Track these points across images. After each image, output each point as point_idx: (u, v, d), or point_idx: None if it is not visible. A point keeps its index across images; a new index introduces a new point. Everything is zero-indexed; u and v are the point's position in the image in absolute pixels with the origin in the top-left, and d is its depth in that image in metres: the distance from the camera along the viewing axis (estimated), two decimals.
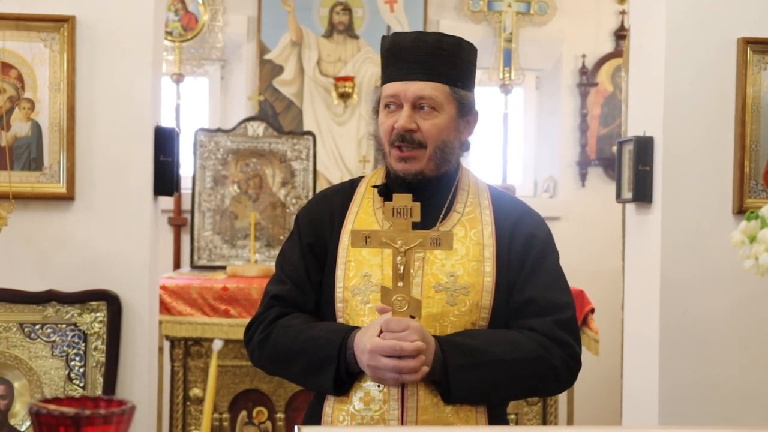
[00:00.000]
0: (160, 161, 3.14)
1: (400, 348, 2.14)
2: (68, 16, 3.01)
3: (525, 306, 2.36)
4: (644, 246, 3.25)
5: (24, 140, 3.02)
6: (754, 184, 3.09)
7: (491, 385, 2.29)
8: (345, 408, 2.31)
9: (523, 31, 6.01)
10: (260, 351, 2.41)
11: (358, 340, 2.24)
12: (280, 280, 2.47)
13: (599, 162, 6.17)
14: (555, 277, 2.44)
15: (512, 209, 2.49)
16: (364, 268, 2.36)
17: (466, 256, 2.36)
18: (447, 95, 2.39)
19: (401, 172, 2.39)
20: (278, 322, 2.39)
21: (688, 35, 3.11)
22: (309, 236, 2.47)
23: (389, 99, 2.39)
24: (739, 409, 3.10)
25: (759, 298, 3.07)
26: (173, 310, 4.24)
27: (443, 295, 2.31)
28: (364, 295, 2.34)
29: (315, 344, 2.30)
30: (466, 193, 2.48)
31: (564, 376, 2.36)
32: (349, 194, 2.52)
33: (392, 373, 2.16)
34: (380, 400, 2.28)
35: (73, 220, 3.06)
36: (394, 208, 2.16)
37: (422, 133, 2.36)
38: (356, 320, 2.34)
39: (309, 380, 2.37)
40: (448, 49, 2.40)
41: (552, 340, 2.32)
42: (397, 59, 2.40)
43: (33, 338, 2.99)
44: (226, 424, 4.28)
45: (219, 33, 5.84)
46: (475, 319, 2.33)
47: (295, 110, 5.92)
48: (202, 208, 4.95)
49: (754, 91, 3.08)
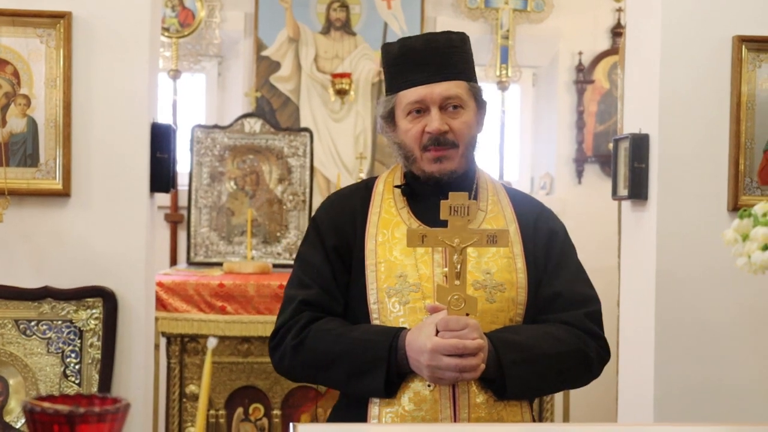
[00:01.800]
0: (157, 158, 3.13)
1: (463, 346, 2.14)
2: (64, 12, 3.01)
3: (553, 300, 2.39)
4: (640, 243, 3.26)
5: (20, 136, 3.02)
6: (749, 182, 3.10)
7: (540, 379, 2.31)
8: (393, 410, 2.29)
9: (520, 28, 6.02)
10: (293, 357, 2.37)
11: (411, 341, 2.22)
12: (304, 285, 2.43)
13: (595, 159, 6.18)
14: (578, 271, 2.49)
15: (531, 206, 2.53)
16: (397, 269, 2.35)
17: (498, 253, 2.37)
18: (467, 91, 2.41)
19: (437, 173, 2.39)
20: (312, 327, 2.35)
21: (683, 33, 3.11)
22: (332, 238, 2.44)
23: (415, 105, 2.39)
24: (734, 406, 3.11)
25: (754, 295, 3.08)
26: (169, 306, 4.24)
27: (482, 292, 2.32)
28: (401, 295, 2.32)
29: (360, 347, 2.27)
30: (486, 192, 2.49)
31: (596, 367, 2.41)
32: (366, 195, 2.51)
33: (453, 372, 2.15)
34: (431, 400, 2.27)
35: (69, 216, 3.05)
36: (451, 206, 2.15)
37: (454, 132, 2.38)
38: (393, 321, 2.33)
39: (353, 383, 2.33)
40: (458, 46, 2.42)
41: (586, 332, 2.36)
42: (414, 64, 2.39)
43: (28, 335, 2.99)
44: (223, 420, 4.28)
45: (216, 29, 5.84)
46: (512, 315, 2.35)
47: (292, 107, 5.92)
48: (199, 205, 4.95)
49: (750, 89, 3.09)
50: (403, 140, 2.44)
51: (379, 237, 2.39)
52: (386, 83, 2.51)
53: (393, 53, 2.44)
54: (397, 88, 2.43)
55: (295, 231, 4.93)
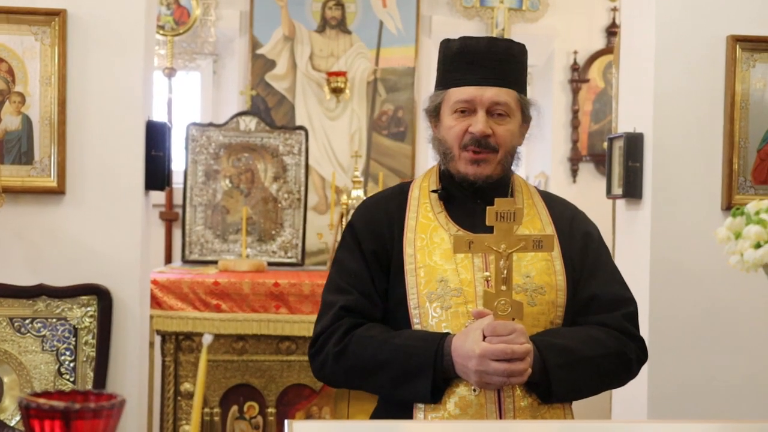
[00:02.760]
0: (152, 156, 3.14)
1: (512, 351, 2.13)
2: (59, 10, 3.01)
3: (590, 302, 2.39)
4: (634, 241, 3.27)
5: (14, 134, 3.02)
6: (743, 181, 3.11)
7: (583, 382, 2.32)
8: (439, 414, 2.28)
9: (515, 27, 6.03)
10: (335, 363, 2.35)
11: (458, 346, 2.21)
12: (342, 290, 2.42)
13: (590, 158, 6.18)
14: (613, 273, 2.48)
15: (564, 209, 2.53)
16: (438, 274, 2.34)
17: (536, 257, 2.37)
18: (516, 102, 2.42)
19: (472, 175, 2.39)
20: (354, 333, 2.34)
21: (678, 33, 3.12)
22: (370, 243, 2.43)
23: (462, 104, 2.39)
24: (727, 403, 3.12)
25: (747, 293, 3.09)
26: (164, 304, 4.24)
27: (523, 296, 2.32)
28: (443, 300, 2.32)
29: (405, 353, 2.27)
30: (521, 196, 2.50)
31: (635, 368, 2.41)
32: (402, 199, 2.50)
33: (501, 377, 2.15)
34: (477, 404, 2.26)
35: (63, 214, 3.05)
36: (498, 212, 2.15)
37: (496, 138, 2.38)
38: (435, 326, 2.32)
39: (398, 389, 2.31)
40: (518, 56, 2.43)
41: (625, 334, 2.36)
42: (470, 64, 2.39)
43: (23, 333, 2.99)
44: (217, 419, 4.28)
45: (211, 27, 5.83)
46: (552, 317, 2.35)
47: (287, 105, 5.92)
48: (194, 203, 4.95)
49: (743, 89, 3.10)
50: (444, 137, 2.44)
51: (417, 242, 2.39)
52: (438, 78, 2.51)
53: (452, 50, 2.44)
54: (448, 84, 2.44)
55: (290, 229, 4.93)
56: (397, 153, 5.97)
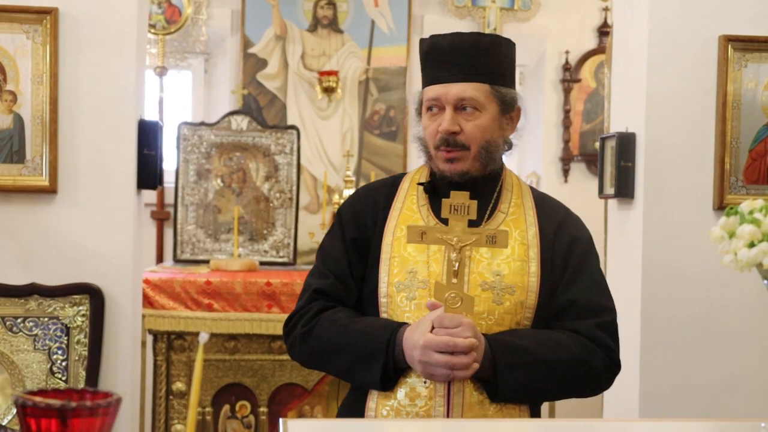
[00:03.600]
0: (144, 155, 3.13)
1: (454, 344, 2.15)
2: (51, 8, 3.00)
3: (567, 308, 2.38)
4: (626, 241, 3.27)
5: (6, 133, 3.01)
6: (735, 181, 3.12)
7: (537, 385, 2.30)
8: (389, 403, 2.31)
9: (507, 26, 6.03)
10: (302, 344, 2.41)
11: (408, 336, 2.24)
12: (322, 274, 2.47)
13: (582, 158, 6.19)
14: (597, 281, 2.46)
15: (555, 211, 2.51)
16: (410, 265, 2.36)
17: (512, 256, 2.37)
18: (488, 94, 2.40)
19: (448, 172, 2.40)
20: (322, 316, 2.39)
21: (670, 32, 3.13)
22: (352, 231, 2.47)
23: (431, 102, 2.41)
24: (719, 402, 3.13)
25: (739, 293, 3.10)
26: (156, 303, 4.23)
27: (489, 293, 2.32)
28: (409, 291, 2.34)
29: (362, 339, 2.30)
30: (510, 194, 2.49)
31: (604, 378, 2.39)
32: (391, 190, 2.53)
33: (444, 369, 2.17)
34: (426, 396, 2.28)
35: (55, 213, 3.05)
36: (452, 204, 2.18)
37: (465, 134, 2.37)
38: (400, 316, 2.34)
39: (354, 374, 2.37)
40: (487, 48, 2.42)
41: (595, 342, 2.34)
42: (436, 62, 2.41)
43: (15, 332, 2.98)
44: (209, 418, 4.28)
45: (203, 26, 5.82)
46: (519, 318, 2.35)
47: (278, 104, 5.91)
48: (186, 202, 4.94)
49: (735, 89, 3.11)
50: (423, 135, 2.47)
51: (397, 232, 2.41)
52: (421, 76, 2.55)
53: (423, 49, 2.47)
54: (424, 83, 2.47)
55: (282, 228, 4.93)
56: (388, 152, 5.97)
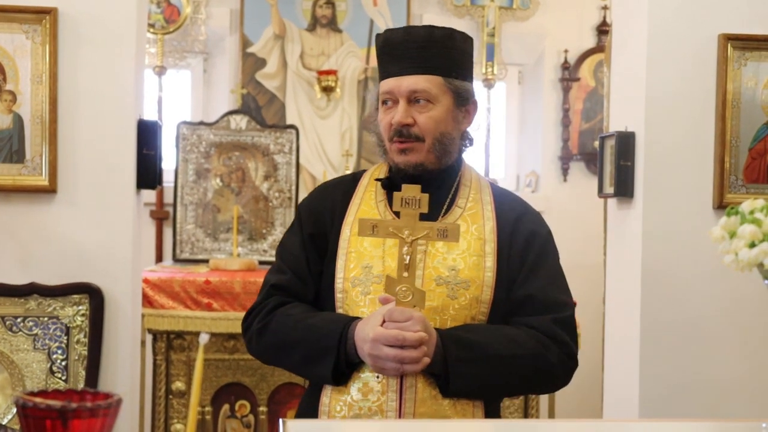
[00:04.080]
0: (143, 154, 3.13)
1: (403, 338, 2.15)
2: (50, 8, 3.00)
3: (524, 303, 2.38)
4: (626, 241, 3.27)
5: (5, 132, 3.01)
6: (734, 180, 3.11)
7: (489, 379, 2.30)
8: (342, 398, 2.32)
9: (506, 26, 6.03)
10: (258, 339, 2.42)
11: (359, 330, 2.24)
12: (280, 270, 2.48)
13: (581, 157, 6.19)
14: (555, 276, 2.46)
15: (513, 206, 2.51)
16: (365, 260, 2.37)
17: (468, 251, 2.37)
18: (441, 86, 2.40)
19: (402, 164, 2.40)
20: (277, 311, 2.40)
21: (669, 31, 3.13)
22: (310, 227, 2.48)
23: (385, 95, 2.42)
24: (719, 402, 3.13)
25: (739, 292, 3.10)
26: (156, 303, 4.24)
27: (444, 288, 2.32)
28: (364, 286, 2.35)
29: (315, 333, 2.31)
30: (468, 189, 2.49)
31: (560, 374, 2.38)
32: (351, 186, 2.54)
33: (394, 362, 2.17)
34: (378, 391, 2.29)
35: (55, 213, 3.05)
36: (403, 198, 2.19)
37: (419, 126, 2.38)
38: (356, 311, 2.35)
39: (307, 369, 2.39)
40: (440, 41, 2.42)
41: (550, 338, 2.34)
42: (390, 56, 2.43)
43: (15, 331, 2.98)
44: (209, 417, 4.28)
45: (201, 26, 5.82)
46: (474, 313, 2.35)
47: (277, 104, 5.91)
48: (185, 202, 4.94)
49: (735, 87, 3.10)
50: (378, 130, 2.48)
51: (354, 227, 2.40)
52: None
53: (379, 43, 2.49)
54: (379, 77, 2.48)
55: (281, 228, 4.92)
56: None
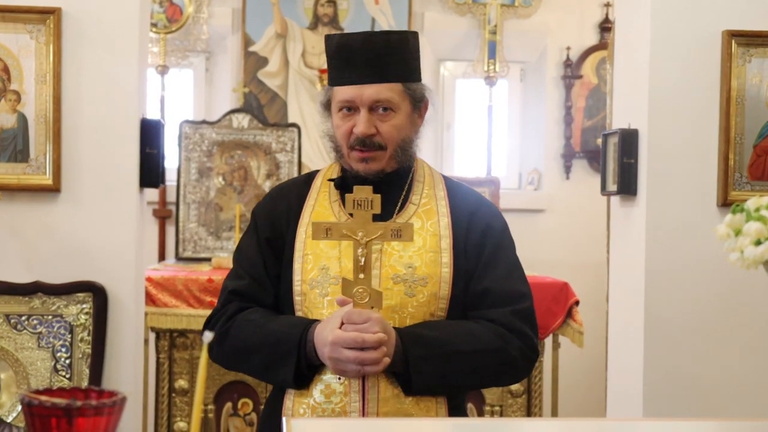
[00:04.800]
0: (146, 153, 3.13)
1: (362, 339, 2.15)
2: (54, 8, 3.00)
3: (482, 296, 2.37)
4: (629, 238, 3.27)
5: (10, 132, 3.01)
6: (739, 177, 3.11)
7: (451, 375, 2.30)
8: (306, 401, 2.31)
9: (508, 23, 6.02)
10: (219, 346, 2.39)
11: (318, 333, 2.24)
12: (238, 275, 2.46)
13: (584, 154, 6.19)
14: (512, 268, 2.44)
15: (468, 200, 2.50)
16: (322, 261, 2.35)
17: (423, 248, 2.36)
18: (401, 93, 2.38)
19: (363, 171, 2.38)
20: (237, 317, 2.38)
21: (672, 28, 3.13)
22: (266, 231, 2.46)
23: (344, 104, 2.37)
24: (723, 401, 3.13)
25: (743, 290, 3.09)
26: (159, 301, 4.24)
27: (401, 286, 2.32)
28: (322, 287, 2.33)
29: (274, 338, 2.30)
30: (421, 185, 2.48)
31: (521, 365, 2.38)
32: (305, 188, 2.51)
33: (354, 365, 2.17)
34: (341, 393, 2.28)
35: (59, 211, 3.05)
36: (355, 200, 2.17)
37: (381, 135, 2.36)
38: (315, 313, 2.34)
39: (269, 374, 2.39)
40: (397, 46, 2.38)
41: (510, 330, 2.33)
42: (348, 62, 2.36)
43: (19, 329, 2.98)
44: (211, 415, 4.28)
45: (204, 25, 5.82)
46: (433, 309, 2.34)
47: (279, 102, 5.92)
48: (187, 200, 4.95)
49: (739, 84, 3.10)
50: (335, 134, 2.44)
51: (309, 229, 2.38)
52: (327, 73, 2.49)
53: (332, 47, 2.42)
54: (332, 82, 2.43)
55: None
56: None
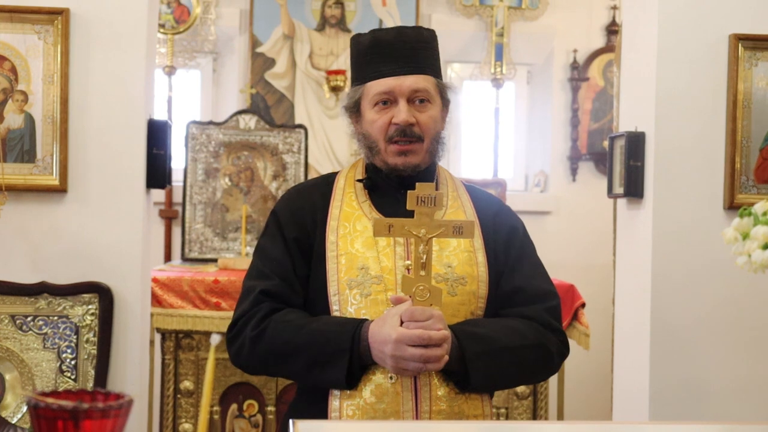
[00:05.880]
0: (153, 154, 3.14)
1: (428, 337, 2.14)
2: (62, 9, 3.01)
3: (513, 295, 2.41)
4: (635, 241, 3.27)
5: (17, 132, 3.02)
6: (745, 180, 3.11)
7: (503, 372, 2.32)
8: (354, 402, 2.28)
9: (515, 25, 6.03)
10: (252, 348, 2.34)
11: (375, 331, 2.22)
12: (265, 276, 2.41)
13: (590, 157, 6.18)
14: (538, 267, 2.50)
15: (490, 202, 2.55)
16: (359, 261, 2.35)
17: (459, 248, 2.38)
18: (435, 87, 2.43)
19: (401, 165, 2.39)
20: (272, 318, 2.33)
21: (680, 31, 3.12)
22: (293, 231, 2.44)
23: (383, 96, 2.40)
24: (729, 404, 3.12)
25: (749, 293, 3.09)
26: (164, 302, 4.24)
27: (444, 285, 2.32)
28: (363, 287, 2.32)
29: (322, 338, 2.26)
30: (446, 187, 2.51)
31: (557, 361, 2.42)
32: (327, 189, 2.51)
33: (417, 362, 2.16)
34: (393, 392, 2.26)
35: (65, 212, 3.05)
36: (418, 196, 2.17)
37: (420, 126, 2.39)
38: (354, 313, 2.32)
39: (314, 375, 2.31)
40: (428, 41, 2.44)
41: (546, 327, 2.38)
42: (384, 56, 2.40)
43: (25, 330, 2.99)
44: (217, 417, 4.28)
45: (211, 26, 5.83)
46: (473, 308, 2.36)
47: (286, 103, 5.92)
48: (194, 201, 4.95)
49: (746, 87, 3.10)
50: (368, 131, 2.44)
51: (340, 230, 2.39)
52: (354, 74, 2.51)
53: (364, 44, 2.45)
54: (365, 78, 2.44)
55: None
56: None
